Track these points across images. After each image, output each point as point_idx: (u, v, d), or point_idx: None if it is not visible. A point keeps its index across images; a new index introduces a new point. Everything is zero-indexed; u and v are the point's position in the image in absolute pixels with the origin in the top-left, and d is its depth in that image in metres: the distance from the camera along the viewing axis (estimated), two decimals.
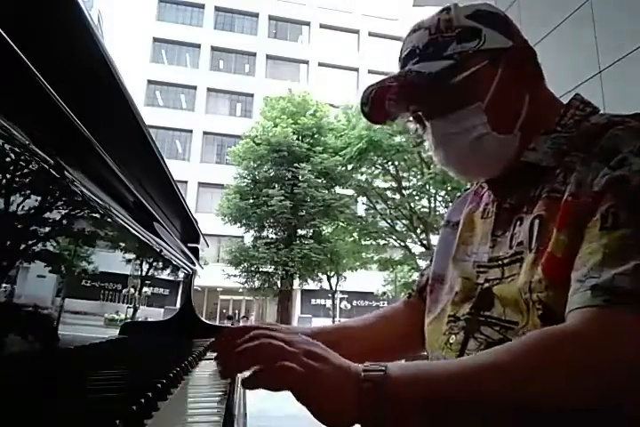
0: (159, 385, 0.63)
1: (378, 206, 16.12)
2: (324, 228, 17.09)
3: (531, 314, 0.58)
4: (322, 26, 28.05)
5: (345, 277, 18.34)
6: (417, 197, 15.73)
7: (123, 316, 0.99)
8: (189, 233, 1.65)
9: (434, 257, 0.84)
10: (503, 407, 0.45)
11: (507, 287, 0.62)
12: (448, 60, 0.65)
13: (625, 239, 0.49)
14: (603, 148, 0.57)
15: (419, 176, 15.21)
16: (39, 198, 0.58)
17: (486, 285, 0.65)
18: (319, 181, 16.49)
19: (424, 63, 0.67)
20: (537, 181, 0.64)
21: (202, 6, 26.88)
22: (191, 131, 25.11)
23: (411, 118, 0.73)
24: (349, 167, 15.62)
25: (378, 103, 0.68)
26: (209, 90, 25.92)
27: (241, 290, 19.12)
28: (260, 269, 16.74)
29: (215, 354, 0.62)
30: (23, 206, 0.53)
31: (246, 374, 0.47)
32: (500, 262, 0.65)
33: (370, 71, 26.21)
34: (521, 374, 0.45)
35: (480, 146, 0.66)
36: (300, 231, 17.05)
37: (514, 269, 0.62)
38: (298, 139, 16.77)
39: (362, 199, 16.92)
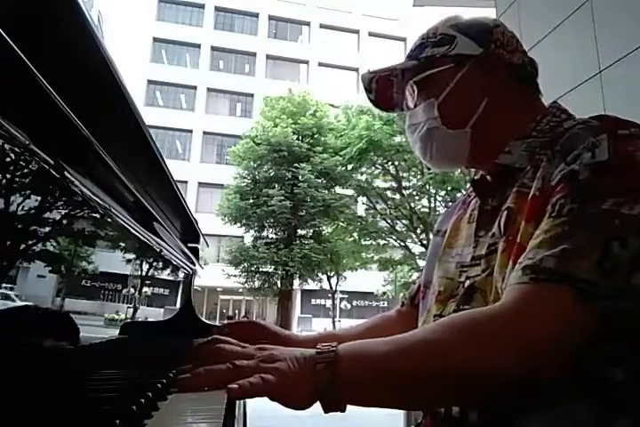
0: (159, 385, 0.63)
1: (378, 206, 16.12)
2: (324, 228, 17.08)
3: None
4: (322, 26, 28.04)
5: (345, 277, 18.33)
6: (417, 197, 15.74)
7: (123, 316, 0.99)
8: (189, 233, 1.65)
9: (425, 266, 0.86)
10: (434, 380, 0.50)
11: (486, 280, 0.65)
12: (417, 60, 0.73)
13: (562, 226, 0.53)
14: (563, 145, 0.61)
15: (419, 176, 15.21)
16: (39, 198, 0.58)
17: (468, 282, 0.68)
18: (319, 181, 16.48)
19: (403, 62, 0.76)
20: (513, 181, 0.67)
21: (202, 6, 26.87)
22: (191, 131, 25.10)
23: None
24: (349, 167, 15.60)
25: (382, 92, 0.80)
26: (209, 90, 25.91)
27: (241, 290, 19.12)
28: (260, 269, 16.73)
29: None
30: (23, 206, 0.53)
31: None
32: (480, 261, 0.68)
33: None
34: (443, 348, 0.50)
35: (431, 137, 0.73)
36: (300, 231, 17.04)
37: (491, 260, 0.65)
38: (298, 139, 16.76)
39: (362, 199, 16.91)
